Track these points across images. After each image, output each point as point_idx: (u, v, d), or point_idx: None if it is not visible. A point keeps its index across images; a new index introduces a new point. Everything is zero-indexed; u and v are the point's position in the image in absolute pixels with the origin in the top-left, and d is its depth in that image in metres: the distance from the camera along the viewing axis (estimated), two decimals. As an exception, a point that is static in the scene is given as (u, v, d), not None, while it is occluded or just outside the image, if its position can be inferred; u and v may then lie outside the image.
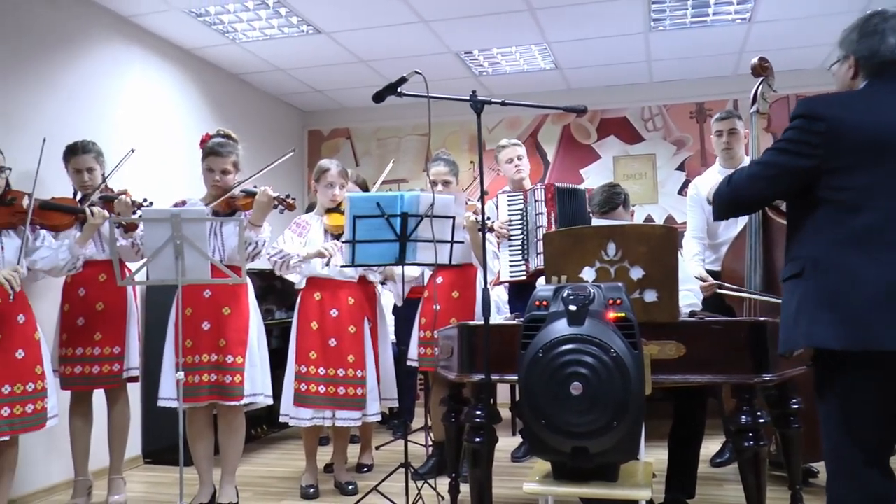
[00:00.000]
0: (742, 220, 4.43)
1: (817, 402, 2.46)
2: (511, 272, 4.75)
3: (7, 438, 3.65)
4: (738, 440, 2.87)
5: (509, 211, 4.81)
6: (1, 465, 3.76)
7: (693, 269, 4.47)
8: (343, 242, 3.92)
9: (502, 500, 4.14)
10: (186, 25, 5.55)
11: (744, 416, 2.84)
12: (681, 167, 7.08)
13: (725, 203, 2.70)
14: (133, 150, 4.28)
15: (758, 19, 5.59)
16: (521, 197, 4.79)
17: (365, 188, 5.45)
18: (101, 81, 5.18)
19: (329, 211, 4.47)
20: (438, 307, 4.38)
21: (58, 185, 4.34)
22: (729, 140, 4.69)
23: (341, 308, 4.35)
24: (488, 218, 4.73)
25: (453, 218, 3.84)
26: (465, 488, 3.55)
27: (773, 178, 2.51)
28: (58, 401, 3.91)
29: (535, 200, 4.71)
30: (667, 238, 2.98)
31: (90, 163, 4.25)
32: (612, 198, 4.00)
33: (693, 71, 6.81)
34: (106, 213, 4.02)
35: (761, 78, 4.28)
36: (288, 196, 4.05)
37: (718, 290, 4.20)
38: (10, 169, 3.81)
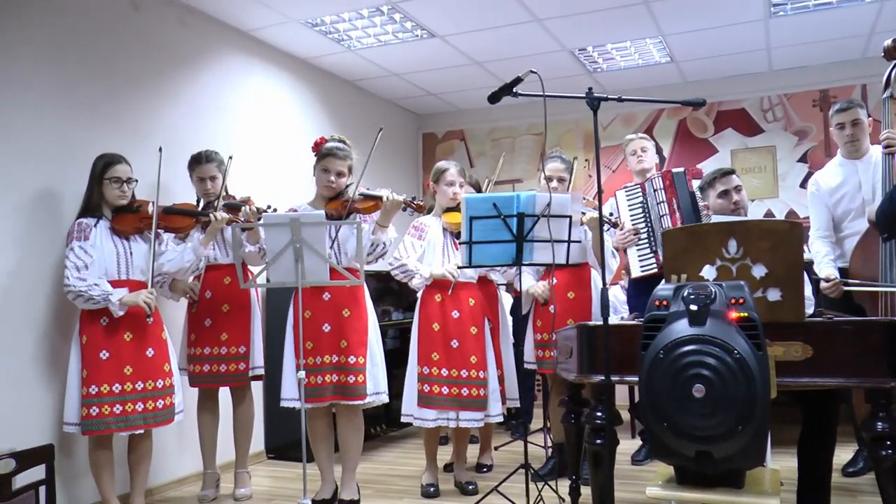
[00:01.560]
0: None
1: None
2: (642, 266, 4.67)
3: (142, 431, 3.89)
4: (874, 449, 2.73)
5: (629, 206, 4.74)
6: (138, 456, 4.02)
7: (823, 270, 4.28)
8: (460, 243, 3.95)
9: None
10: (303, 36, 5.71)
11: (880, 423, 2.70)
12: (803, 159, 6.80)
13: (893, 221, 2.49)
14: (231, 157, 4.42)
15: (890, -3, 5.31)
16: (639, 190, 4.72)
17: (478, 189, 5.47)
18: (224, 93, 5.40)
19: (448, 210, 4.51)
20: (554, 308, 4.35)
21: (182, 194, 4.57)
22: (853, 132, 4.43)
23: (462, 309, 4.38)
24: (612, 214, 4.68)
25: (570, 217, 3.80)
26: (585, 490, 3.52)
27: None
28: (184, 397, 4.12)
29: (654, 190, 4.63)
30: (791, 234, 2.86)
31: (213, 171, 4.44)
32: (723, 167, 4.11)
33: (816, 57, 6.52)
34: (227, 215, 4.19)
35: (895, 61, 4.07)
36: (415, 198, 4.14)
37: (845, 288, 4.01)
38: (136, 180, 4.05)
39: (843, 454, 4.58)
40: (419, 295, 4.53)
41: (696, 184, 4.66)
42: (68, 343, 3.92)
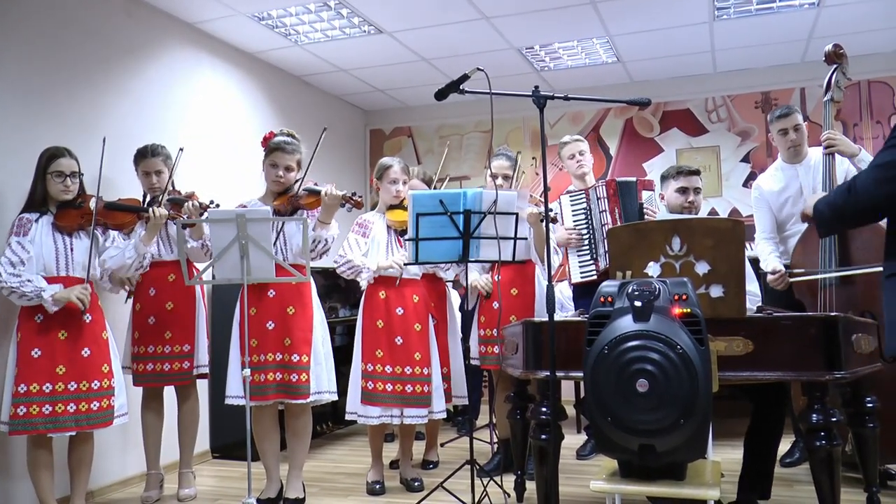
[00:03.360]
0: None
1: None
2: (581, 273, 4.71)
3: (74, 434, 3.79)
4: (809, 439, 2.81)
5: (573, 212, 4.76)
6: (78, 459, 3.92)
7: (770, 264, 4.38)
8: (406, 240, 3.94)
9: (568, 499, 4.12)
10: (250, 29, 5.64)
11: (815, 415, 2.78)
12: (745, 159, 6.94)
13: (849, 215, 2.56)
14: (182, 149, 4.32)
15: (827, 3, 5.42)
16: (584, 196, 4.75)
17: (431, 185, 5.47)
18: (171, 86, 5.31)
19: (391, 207, 4.50)
20: (498, 305, 4.37)
21: (128, 188, 4.47)
22: (797, 137, 4.53)
23: (406, 306, 4.37)
24: (551, 210, 4.70)
25: (516, 214, 3.82)
26: (530, 486, 3.54)
27: None
28: (127, 399, 4.02)
29: (598, 198, 4.67)
30: (733, 231, 2.92)
31: (158, 166, 4.36)
32: (691, 164, 4.20)
33: (759, 60, 6.66)
34: (167, 211, 4.12)
35: (835, 65, 4.18)
36: (354, 194, 4.08)
37: (791, 280, 4.10)
38: (82, 174, 3.95)
39: (781, 445, 4.68)
40: (363, 291, 4.51)
41: (645, 195, 4.71)
42: (8, 341, 3.82)
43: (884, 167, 2.43)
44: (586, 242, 4.70)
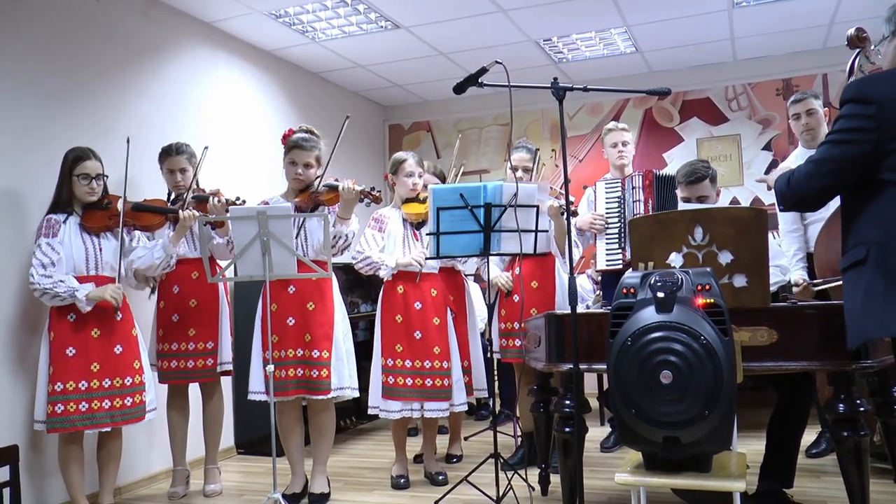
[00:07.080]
0: (835, 201, 4.28)
1: None
2: (608, 260, 4.68)
3: (109, 430, 3.84)
4: (836, 430, 2.78)
5: (607, 199, 4.74)
6: (107, 455, 3.97)
7: (794, 273, 4.34)
8: (427, 234, 3.94)
9: (593, 491, 4.10)
10: (267, 27, 5.65)
11: (841, 405, 2.75)
12: (767, 147, 6.88)
13: (789, 202, 2.64)
14: (207, 147, 4.35)
15: (850, -12, 5.37)
16: (619, 184, 4.72)
17: (443, 179, 5.47)
18: (189, 85, 5.33)
19: (407, 201, 4.50)
20: (518, 298, 4.36)
21: (150, 188, 4.51)
22: (808, 121, 4.53)
23: (425, 300, 4.37)
24: (572, 201, 4.69)
25: (537, 207, 3.81)
26: (555, 479, 3.54)
27: (832, 173, 2.45)
28: (156, 395, 4.07)
29: (633, 188, 4.64)
30: (756, 220, 2.90)
31: (183, 164, 4.39)
32: (699, 170, 4.04)
33: (779, 46, 6.59)
34: (196, 213, 4.14)
35: (858, 49, 4.13)
36: (373, 189, 4.08)
37: (814, 289, 4.07)
38: (107, 176, 3.98)
39: (807, 436, 4.63)
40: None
41: None
42: (38, 341, 3.87)
43: (816, 163, 2.50)
44: (616, 230, 4.68)
